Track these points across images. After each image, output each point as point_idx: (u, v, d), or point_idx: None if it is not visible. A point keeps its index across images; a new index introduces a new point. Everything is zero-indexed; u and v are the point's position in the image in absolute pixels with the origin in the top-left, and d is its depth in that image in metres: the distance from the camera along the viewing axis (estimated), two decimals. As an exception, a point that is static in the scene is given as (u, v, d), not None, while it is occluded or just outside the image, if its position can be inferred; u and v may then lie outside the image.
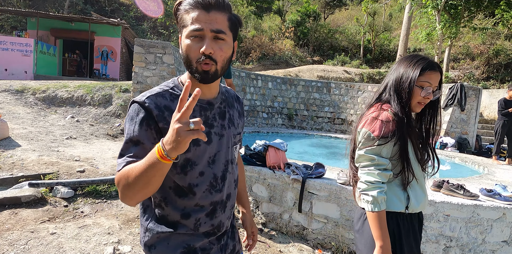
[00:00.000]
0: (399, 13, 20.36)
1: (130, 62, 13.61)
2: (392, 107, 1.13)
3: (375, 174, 1.09)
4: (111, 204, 3.02)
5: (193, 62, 0.79)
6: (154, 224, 0.85)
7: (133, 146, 0.76)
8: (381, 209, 1.08)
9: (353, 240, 2.46)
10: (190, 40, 0.78)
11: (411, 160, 1.13)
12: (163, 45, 6.46)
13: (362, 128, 1.14)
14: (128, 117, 0.81)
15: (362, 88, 9.33)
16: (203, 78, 0.81)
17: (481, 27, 13.03)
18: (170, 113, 0.80)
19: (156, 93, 0.82)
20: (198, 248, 0.85)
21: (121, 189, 0.72)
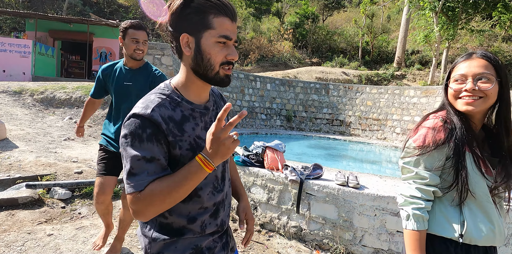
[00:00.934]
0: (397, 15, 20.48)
1: (128, 64, 13.60)
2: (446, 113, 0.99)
3: (413, 188, 0.98)
4: (108, 205, 3.00)
5: (217, 66, 0.80)
6: (159, 233, 0.83)
7: (147, 163, 0.74)
8: (417, 229, 0.94)
9: (351, 241, 2.46)
10: (216, 45, 0.79)
11: (471, 175, 0.93)
12: (162, 47, 6.47)
13: (409, 137, 1.03)
14: (132, 133, 0.74)
15: (361, 90, 9.36)
16: (224, 82, 0.84)
17: (478, 29, 13.13)
18: (174, 125, 0.79)
19: (158, 103, 0.78)
20: (204, 247, 0.86)
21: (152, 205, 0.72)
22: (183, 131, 0.80)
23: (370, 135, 8.77)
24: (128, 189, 0.73)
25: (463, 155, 0.93)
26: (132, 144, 0.74)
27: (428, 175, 0.96)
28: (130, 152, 0.74)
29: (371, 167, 5.05)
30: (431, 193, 0.96)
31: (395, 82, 13.98)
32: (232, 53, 0.80)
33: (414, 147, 0.98)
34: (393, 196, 2.38)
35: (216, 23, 0.77)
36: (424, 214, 0.95)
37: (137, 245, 2.35)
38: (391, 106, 8.69)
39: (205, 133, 0.85)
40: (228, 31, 0.79)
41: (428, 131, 0.97)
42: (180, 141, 0.79)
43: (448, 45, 12.42)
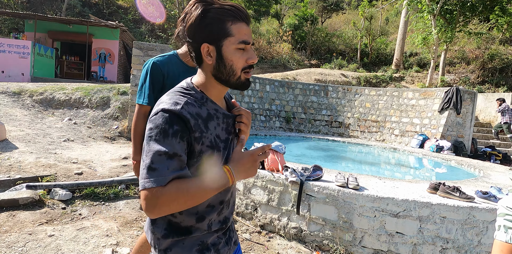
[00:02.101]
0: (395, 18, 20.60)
1: (127, 65, 13.62)
2: None
3: None
4: (109, 206, 3.01)
5: (238, 72, 0.84)
6: (168, 231, 0.85)
7: (169, 159, 0.74)
8: (505, 241, 0.87)
9: (351, 242, 2.47)
10: (237, 51, 0.82)
11: None
12: (162, 48, 6.49)
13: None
14: (159, 127, 0.75)
15: (359, 92, 9.41)
16: (246, 86, 0.88)
17: (476, 32, 13.23)
18: (202, 121, 0.82)
19: (186, 101, 0.81)
20: (209, 243, 0.89)
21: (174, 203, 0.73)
22: (207, 128, 0.83)
23: (369, 137, 8.81)
24: (146, 184, 0.72)
25: None
26: (156, 139, 0.75)
27: None
28: (153, 146, 0.74)
29: (370, 169, 5.08)
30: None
31: (393, 84, 14.05)
32: (252, 57, 0.84)
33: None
34: (392, 197, 2.40)
35: (234, 29, 0.80)
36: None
37: (138, 246, 2.35)
38: (389, 108, 8.73)
39: (224, 134, 0.89)
40: (246, 36, 0.82)
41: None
42: (204, 137, 0.82)
43: (446, 47, 12.50)
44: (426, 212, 2.33)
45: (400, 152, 6.94)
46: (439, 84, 12.53)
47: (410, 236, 2.36)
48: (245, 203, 3.05)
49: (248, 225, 2.89)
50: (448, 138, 7.24)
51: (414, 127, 7.90)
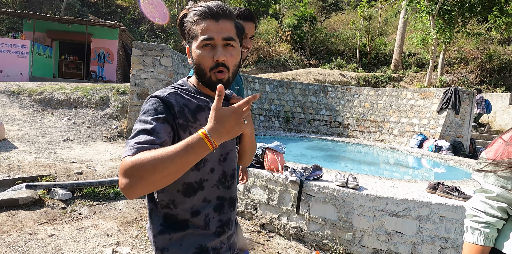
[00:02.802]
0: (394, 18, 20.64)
1: (126, 65, 13.59)
2: None
3: (478, 200, 0.91)
4: (109, 206, 3.01)
5: (206, 71, 0.83)
6: (164, 227, 0.84)
7: (145, 134, 0.72)
8: (473, 242, 0.88)
9: (351, 241, 2.48)
10: (201, 50, 0.82)
11: None
12: (161, 48, 6.49)
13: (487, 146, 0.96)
14: (143, 110, 0.79)
15: (358, 92, 9.43)
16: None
17: (474, 33, 13.29)
18: (189, 111, 0.83)
19: (173, 91, 0.84)
20: (210, 247, 0.86)
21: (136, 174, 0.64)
22: (196, 118, 0.84)
23: (368, 137, 8.83)
24: (124, 153, 0.71)
25: None
26: (141, 120, 0.77)
27: (496, 189, 0.87)
28: (136, 126, 0.77)
29: (369, 168, 5.09)
30: (498, 209, 0.86)
31: (392, 85, 14.08)
32: (217, 54, 0.81)
33: (485, 158, 0.91)
34: (392, 197, 2.41)
35: (197, 30, 0.82)
36: (488, 229, 0.87)
37: (138, 245, 2.36)
38: (388, 108, 8.76)
39: None
40: (209, 32, 0.80)
41: (504, 145, 0.86)
42: (191, 127, 0.82)
43: (444, 48, 12.54)
44: (425, 211, 2.35)
45: (399, 152, 6.97)
46: (437, 84, 12.57)
47: (410, 235, 2.37)
48: (245, 202, 3.06)
49: (248, 225, 2.90)
50: (447, 138, 7.27)
51: (413, 127, 7.93)
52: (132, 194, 0.65)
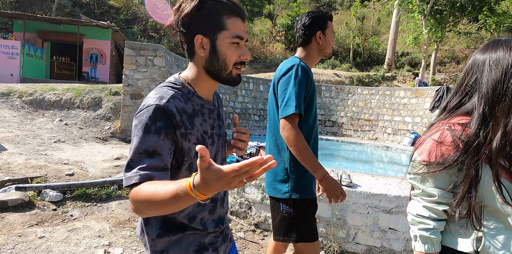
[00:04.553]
0: (387, 18, 20.84)
1: (120, 65, 13.48)
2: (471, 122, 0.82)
3: (421, 206, 0.87)
4: (101, 207, 2.97)
5: (230, 66, 0.82)
6: (162, 230, 0.83)
7: (148, 158, 0.71)
8: (425, 251, 0.85)
9: (345, 238, 2.49)
10: (231, 45, 0.81)
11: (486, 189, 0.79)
12: (154, 48, 6.44)
13: (415, 148, 0.91)
14: (141, 124, 0.73)
15: (352, 91, 9.49)
16: (237, 82, 0.86)
17: (465, 32, 13.48)
18: (187, 117, 0.80)
19: (172, 95, 0.78)
20: (207, 243, 0.88)
21: (138, 206, 0.67)
22: (193, 124, 0.81)
23: (362, 135, 8.88)
24: (125, 182, 0.70)
25: (478, 168, 0.79)
26: (138, 135, 0.72)
27: (437, 192, 0.84)
28: (135, 143, 0.72)
29: (364, 167, 5.12)
30: (441, 212, 0.84)
31: (385, 84, 14.20)
32: (245, 53, 0.83)
33: (419, 161, 0.86)
34: (385, 194, 2.42)
35: (230, 24, 0.80)
36: (434, 235, 0.84)
37: (131, 246, 2.33)
38: (382, 107, 8.83)
39: (211, 130, 0.88)
40: (241, 31, 0.81)
41: (434, 144, 0.84)
42: (190, 134, 0.80)
43: (436, 47, 12.70)
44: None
45: (393, 150, 7.02)
46: (430, 83, 12.71)
47: (403, 231, 2.38)
48: (239, 201, 3.05)
49: (243, 224, 2.89)
50: (439, 136, 7.35)
51: (406, 125, 8.00)
52: (141, 216, 0.72)
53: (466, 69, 0.88)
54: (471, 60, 0.88)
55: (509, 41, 0.83)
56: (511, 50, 0.80)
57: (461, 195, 0.81)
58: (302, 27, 1.47)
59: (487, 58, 0.83)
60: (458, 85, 0.90)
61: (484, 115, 0.80)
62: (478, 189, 0.80)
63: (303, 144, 1.30)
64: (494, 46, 0.84)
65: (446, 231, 0.87)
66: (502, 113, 0.80)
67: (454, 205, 0.83)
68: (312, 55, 1.51)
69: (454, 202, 0.83)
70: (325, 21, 1.49)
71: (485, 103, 0.81)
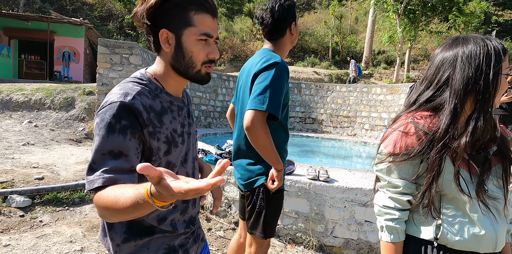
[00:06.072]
0: (364, 17, 21.36)
1: (95, 64, 12.95)
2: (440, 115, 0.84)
3: (386, 197, 0.90)
4: (73, 211, 2.85)
5: (197, 64, 0.79)
6: (128, 234, 0.79)
7: (112, 159, 0.66)
8: (391, 241, 0.87)
9: (323, 233, 2.53)
10: (197, 42, 0.77)
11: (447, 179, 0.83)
12: (129, 46, 6.24)
13: (381, 141, 0.93)
14: (104, 122, 0.68)
15: (331, 89, 9.66)
16: (205, 80, 0.82)
17: (436, 31, 14.07)
18: (155, 115, 0.76)
19: (138, 91, 0.74)
20: (177, 245, 0.85)
21: (102, 211, 0.63)
22: (162, 122, 0.78)
23: (341, 132, 9.08)
24: (87, 185, 0.66)
25: (439, 159, 0.82)
26: (101, 135, 0.67)
27: (401, 183, 0.87)
28: (97, 143, 0.67)
29: (343, 162, 5.23)
30: (406, 202, 0.88)
31: (363, 81, 14.58)
32: (213, 51, 0.79)
33: (385, 153, 0.89)
34: (361, 188, 2.48)
35: (197, 20, 0.76)
36: (399, 225, 0.88)
37: (105, 250, 2.25)
38: (359, 104, 9.05)
39: (181, 128, 0.85)
40: (209, 29, 0.77)
41: (399, 135, 0.86)
42: (158, 133, 0.76)
43: (410, 45, 13.17)
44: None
45: (370, 145, 7.22)
46: (404, 80, 13.18)
47: (378, 224, 2.45)
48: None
49: (222, 223, 2.86)
50: (414, 130, 7.64)
51: (382, 121, 8.25)
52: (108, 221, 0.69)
53: (437, 66, 0.89)
54: (441, 56, 0.89)
55: (476, 37, 0.85)
56: (481, 46, 0.82)
57: (425, 185, 0.84)
58: (278, 20, 1.38)
59: (459, 54, 0.84)
60: (428, 81, 0.91)
61: (455, 111, 0.82)
62: (439, 179, 0.83)
63: (268, 140, 1.26)
64: (464, 42, 0.85)
65: (410, 220, 0.90)
66: (472, 109, 0.82)
67: (419, 196, 0.85)
68: (285, 47, 1.47)
69: (419, 193, 0.86)
70: (295, 9, 1.42)
71: (457, 99, 0.82)
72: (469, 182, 0.82)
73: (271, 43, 1.46)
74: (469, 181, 0.83)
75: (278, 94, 1.26)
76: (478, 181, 0.82)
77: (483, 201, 0.82)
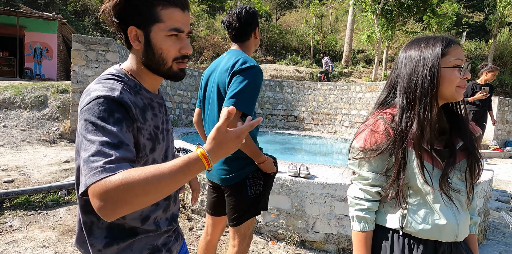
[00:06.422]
0: (344, 17, 21.78)
1: (69, 61, 12.42)
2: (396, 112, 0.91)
3: (357, 189, 0.96)
4: (47, 215, 2.72)
5: (169, 61, 0.77)
6: (110, 239, 0.76)
7: (114, 149, 0.61)
8: (361, 230, 0.93)
9: (304, 228, 2.57)
10: (167, 38, 0.75)
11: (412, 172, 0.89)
12: (106, 42, 6.03)
13: (355, 136, 0.99)
14: (95, 115, 0.63)
15: (312, 87, 9.80)
16: (179, 76, 0.80)
17: (412, 31, 14.58)
18: (139, 111, 0.74)
19: (122, 88, 0.72)
20: (160, 244, 0.84)
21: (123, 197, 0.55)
22: (145, 119, 0.77)
23: (322, 129, 9.24)
24: (89, 180, 0.56)
25: (405, 153, 0.88)
26: (94, 130, 0.62)
27: (371, 175, 0.93)
28: (91, 138, 0.61)
29: (324, 159, 5.33)
30: (375, 193, 0.94)
31: (343, 79, 14.89)
32: (185, 47, 0.77)
33: (357, 148, 0.95)
34: (340, 183, 2.54)
35: (165, 15, 0.73)
36: (369, 215, 0.93)
37: (81, 254, 2.17)
38: (340, 102, 9.25)
39: (161, 124, 0.84)
40: (179, 23, 0.75)
41: (369, 132, 0.93)
42: (143, 129, 0.75)
43: (387, 45, 13.58)
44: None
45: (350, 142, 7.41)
46: (382, 78, 13.60)
47: (357, 218, 2.52)
48: (200, 199, 2.99)
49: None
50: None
51: (362, 118, 8.47)
52: (113, 217, 0.57)
53: (393, 67, 1.00)
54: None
55: (422, 39, 0.93)
56: (419, 49, 0.91)
57: (393, 177, 0.90)
58: (244, 24, 1.52)
59: (404, 56, 0.94)
60: (387, 81, 1.00)
61: (403, 106, 0.90)
62: (405, 171, 0.89)
63: (248, 135, 1.38)
64: (410, 45, 0.95)
65: (380, 210, 0.97)
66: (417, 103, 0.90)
67: (388, 187, 0.92)
68: (251, 49, 1.61)
69: (387, 185, 0.92)
70: (257, 16, 1.60)
71: (403, 96, 0.91)
72: (433, 175, 0.88)
73: (238, 45, 1.58)
74: (434, 174, 0.89)
75: (254, 96, 1.37)
76: (442, 174, 0.88)
77: (446, 193, 0.88)
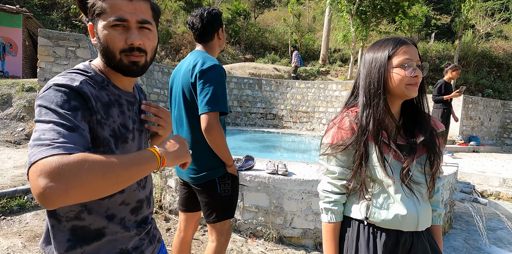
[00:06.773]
0: (321, 16, 22.17)
1: (36, 57, 11.72)
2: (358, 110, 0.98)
3: (326, 182, 1.02)
4: (11, 221, 2.56)
5: (116, 54, 0.73)
6: (73, 241, 0.72)
7: (69, 132, 0.57)
8: (328, 221, 0.99)
9: (282, 225, 2.60)
10: (111, 30, 0.71)
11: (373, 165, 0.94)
12: (76, 38, 5.74)
13: (324, 133, 1.05)
14: (51, 102, 0.61)
15: (291, 85, 9.91)
16: (132, 71, 0.75)
17: (385, 32, 15.13)
18: (102, 106, 0.71)
19: (83, 80, 0.69)
20: (130, 248, 0.80)
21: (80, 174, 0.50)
22: (108, 114, 0.73)
23: (301, 127, 9.39)
24: (38, 155, 0.51)
25: (367, 146, 0.94)
26: (47, 113, 0.60)
27: (337, 169, 0.99)
28: (44, 119, 0.59)
29: (302, 156, 5.42)
30: (341, 186, 0.99)
31: (320, 78, 15.19)
32: (131, 36, 0.72)
33: (326, 144, 1.00)
34: (317, 179, 2.59)
35: (108, 5, 0.71)
36: (336, 207, 0.98)
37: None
38: (317, 100, 9.43)
39: (131, 123, 0.81)
40: (123, 12, 0.71)
41: (336, 129, 0.98)
42: (105, 124, 0.72)
43: (362, 44, 14.01)
44: (344, 189, 2.58)
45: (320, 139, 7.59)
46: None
47: (333, 212, 2.59)
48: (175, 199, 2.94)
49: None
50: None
51: (339, 116, 8.72)
52: (59, 200, 0.49)
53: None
54: None
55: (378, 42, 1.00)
56: (373, 51, 0.99)
57: (355, 169, 0.97)
58: (206, 25, 1.54)
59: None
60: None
61: (363, 104, 0.97)
62: (368, 164, 0.95)
63: (224, 139, 1.46)
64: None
65: (347, 202, 1.02)
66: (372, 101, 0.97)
67: (349, 179, 0.99)
68: (215, 50, 1.65)
69: (350, 176, 0.98)
70: (221, 18, 1.62)
71: (363, 95, 0.98)
72: (394, 167, 0.94)
73: (202, 46, 1.60)
74: (395, 166, 0.95)
75: (223, 93, 1.43)
76: (402, 167, 0.94)
77: (408, 185, 0.93)
